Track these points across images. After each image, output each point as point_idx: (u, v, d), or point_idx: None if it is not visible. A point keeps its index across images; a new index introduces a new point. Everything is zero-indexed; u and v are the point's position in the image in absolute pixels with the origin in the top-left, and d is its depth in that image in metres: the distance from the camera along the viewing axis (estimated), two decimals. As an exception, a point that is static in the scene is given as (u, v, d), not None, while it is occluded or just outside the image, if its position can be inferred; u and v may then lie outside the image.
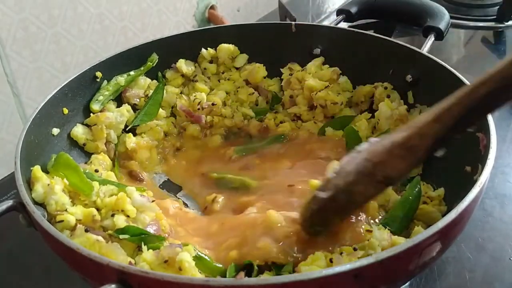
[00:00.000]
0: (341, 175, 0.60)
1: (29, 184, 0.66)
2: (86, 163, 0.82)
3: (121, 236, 0.63)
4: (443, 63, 0.80)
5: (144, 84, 0.93)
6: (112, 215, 0.66)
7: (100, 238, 0.60)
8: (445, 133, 0.54)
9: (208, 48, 0.98)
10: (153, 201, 0.71)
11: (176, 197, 0.85)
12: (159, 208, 0.72)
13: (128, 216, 0.67)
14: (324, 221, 0.62)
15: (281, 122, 0.96)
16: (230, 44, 0.98)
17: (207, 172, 0.87)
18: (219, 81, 0.99)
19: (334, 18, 1.11)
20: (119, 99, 0.91)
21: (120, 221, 0.65)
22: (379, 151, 0.58)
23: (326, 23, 1.25)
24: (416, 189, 0.73)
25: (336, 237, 0.62)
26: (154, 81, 0.95)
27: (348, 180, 0.59)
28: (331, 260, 0.56)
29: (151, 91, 0.93)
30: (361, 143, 0.65)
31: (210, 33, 0.99)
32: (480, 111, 0.53)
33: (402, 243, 0.49)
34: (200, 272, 0.59)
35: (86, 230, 0.63)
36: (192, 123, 0.94)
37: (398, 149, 0.56)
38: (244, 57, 0.99)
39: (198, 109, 0.93)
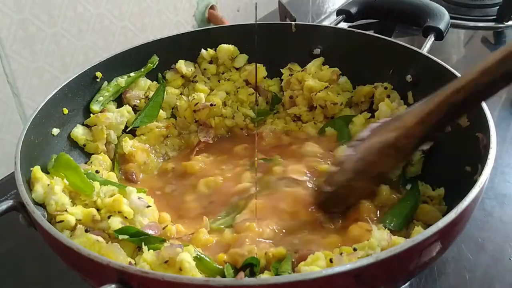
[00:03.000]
0: (342, 172, 0.71)
1: (29, 184, 0.66)
2: (86, 163, 0.82)
3: (120, 236, 0.63)
4: (443, 63, 0.80)
5: (144, 85, 0.93)
6: (109, 217, 0.66)
7: (100, 238, 0.60)
8: (428, 132, 0.63)
9: (208, 49, 0.98)
10: (148, 206, 0.70)
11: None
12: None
13: (126, 218, 0.67)
14: (332, 207, 0.72)
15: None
16: (230, 45, 0.98)
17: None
18: (219, 82, 0.99)
19: (334, 18, 1.11)
20: (120, 100, 0.91)
21: (115, 223, 0.65)
22: (372, 151, 0.68)
23: (326, 23, 1.25)
24: (416, 189, 0.73)
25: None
26: (154, 82, 0.94)
27: (348, 178, 0.70)
28: (331, 260, 0.56)
29: (151, 93, 0.93)
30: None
31: (210, 33, 0.99)
32: (458, 112, 0.63)
33: (402, 243, 0.49)
34: (200, 273, 0.59)
35: (86, 230, 0.63)
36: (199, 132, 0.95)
37: (388, 149, 0.66)
38: (244, 57, 0.99)
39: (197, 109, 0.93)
